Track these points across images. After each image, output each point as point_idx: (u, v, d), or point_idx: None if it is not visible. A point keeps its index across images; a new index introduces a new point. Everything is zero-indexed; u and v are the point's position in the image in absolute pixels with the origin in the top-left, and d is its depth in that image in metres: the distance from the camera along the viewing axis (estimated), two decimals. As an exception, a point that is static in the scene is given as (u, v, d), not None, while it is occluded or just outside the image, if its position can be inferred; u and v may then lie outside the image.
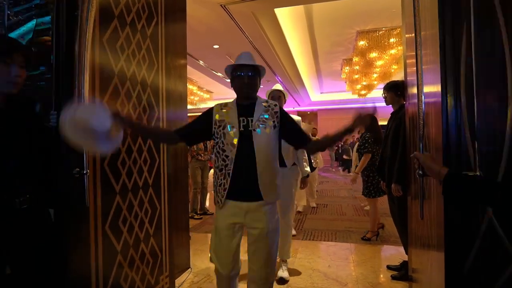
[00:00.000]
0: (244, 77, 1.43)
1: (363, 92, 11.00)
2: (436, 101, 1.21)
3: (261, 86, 1.59)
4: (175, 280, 2.25)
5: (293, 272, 2.54)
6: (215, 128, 1.46)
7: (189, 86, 9.66)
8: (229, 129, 1.41)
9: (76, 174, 1.34)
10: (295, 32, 6.45)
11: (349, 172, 11.09)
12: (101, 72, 1.54)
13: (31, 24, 1.67)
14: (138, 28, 1.86)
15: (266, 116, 1.44)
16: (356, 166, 3.63)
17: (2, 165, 1.13)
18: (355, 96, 12.07)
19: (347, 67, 9.01)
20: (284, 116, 1.50)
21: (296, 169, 2.61)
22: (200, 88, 11.22)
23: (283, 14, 5.49)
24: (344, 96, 13.65)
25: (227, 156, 1.39)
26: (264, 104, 1.48)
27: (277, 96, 2.49)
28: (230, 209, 1.43)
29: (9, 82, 1.15)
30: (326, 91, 13.87)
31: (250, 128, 1.41)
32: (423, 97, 1.21)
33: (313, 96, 14.10)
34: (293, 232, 3.65)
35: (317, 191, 6.38)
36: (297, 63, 8.48)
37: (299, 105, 15.68)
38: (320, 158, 5.86)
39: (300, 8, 5.50)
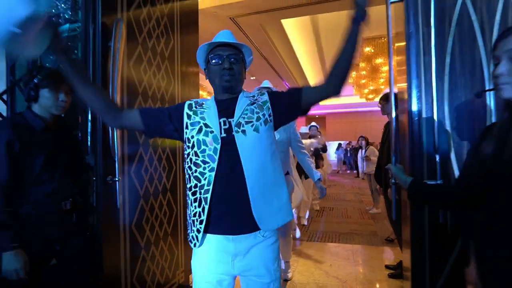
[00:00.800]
0: (223, 61, 1.04)
1: (370, 96, 11.11)
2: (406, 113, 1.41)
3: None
4: (190, 275, 2.48)
5: (297, 270, 2.74)
6: (186, 133, 1.06)
7: (200, 92, 10.00)
8: (205, 135, 1.02)
9: (109, 180, 1.60)
10: (301, 39, 6.67)
11: (358, 176, 11.17)
12: (128, 92, 1.80)
13: (64, 27, 1.99)
14: (158, 51, 2.11)
15: (252, 110, 1.05)
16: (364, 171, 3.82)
17: (52, 174, 1.39)
18: (363, 100, 12.17)
19: (354, 72, 9.16)
20: (274, 98, 1.09)
21: (289, 179, 2.43)
22: (210, 93, 11.57)
23: (290, 24, 5.72)
24: (352, 100, 13.76)
25: (202, 174, 1.00)
26: (249, 97, 1.10)
27: None
28: (212, 251, 1.03)
29: (57, 106, 1.40)
30: (334, 95, 13.99)
31: (232, 132, 1.01)
32: (394, 113, 1.41)
33: (321, 100, 14.24)
34: (298, 234, 3.84)
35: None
36: (304, 68, 8.69)
37: (307, 108, 15.84)
38: (328, 162, 6.00)
39: (306, 17, 5.71)
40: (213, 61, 1.07)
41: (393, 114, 1.40)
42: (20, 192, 1.29)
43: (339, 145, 14.00)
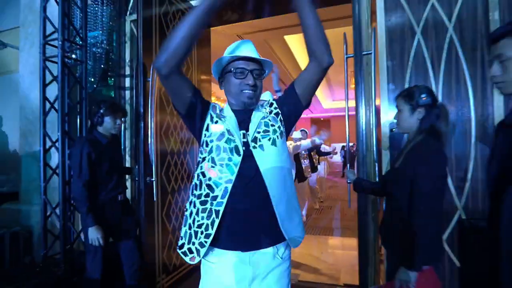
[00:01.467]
0: (247, 76, 0.99)
1: (372, 100, 11.55)
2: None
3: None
4: (204, 259, 3.04)
5: (292, 257, 3.26)
6: (205, 135, 1.02)
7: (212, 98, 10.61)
8: (228, 142, 0.98)
9: (148, 181, 2.16)
10: (303, 51, 7.19)
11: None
12: (160, 109, 2.37)
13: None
14: (181, 79, 2.68)
15: (267, 124, 1.03)
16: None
17: (112, 176, 1.96)
18: (366, 104, 12.59)
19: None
20: (280, 105, 1.09)
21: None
22: (218, 98, 12.19)
23: (292, 39, 6.25)
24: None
25: (216, 184, 0.96)
26: (262, 110, 1.07)
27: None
28: (228, 274, 0.97)
29: (115, 128, 1.98)
30: (338, 99, 14.46)
31: (250, 147, 0.99)
32: (347, 126, 1.93)
33: (325, 104, 14.71)
34: None
35: (322, 201, 6.60)
36: (308, 76, 9.21)
37: (311, 112, 16.31)
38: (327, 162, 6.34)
39: (307, 32, 6.23)
40: (236, 74, 1.00)
41: (347, 132, 1.93)
42: (95, 187, 1.86)
43: (343, 147, 14.48)
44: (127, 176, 2.49)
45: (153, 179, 2.16)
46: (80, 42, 2.51)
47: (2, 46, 3.51)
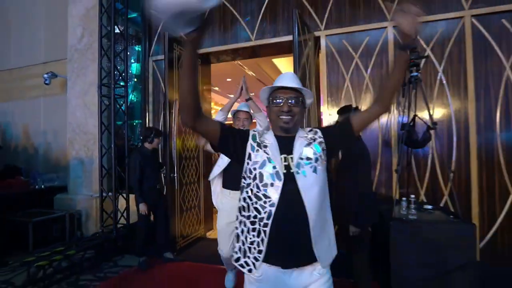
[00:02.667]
0: (283, 104, 1.11)
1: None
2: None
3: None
4: (207, 233, 4.23)
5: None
6: (248, 163, 1.12)
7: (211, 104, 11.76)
8: (269, 169, 1.07)
9: (172, 176, 3.37)
10: (290, 69, 8.41)
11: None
12: (179, 135, 3.57)
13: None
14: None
15: (310, 151, 1.11)
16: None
17: (153, 174, 3.15)
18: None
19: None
20: (327, 135, 1.17)
21: None
22: (216, 103, 13.42)
23: (279, 61, 7.47)
24: (343, 109, 15.39)
25: (262, 207, 1.05)
26: (304, 136, 1.16)
27: (243, 118, 2.20)
28: (270, 283, 1.08)
29: (158, 145, 3.17)
30: (327, 104, 15.67)
31: (291, 170, 1.07)
32: None
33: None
34: None
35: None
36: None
37: (304, 115, 17.51)
38: None
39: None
40: (274, 102, 1.13)
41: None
42: (143, 182, 3.07)
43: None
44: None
45: (175, 175, 3.36)
46: (122, 83, 3.71)
47: (53, 76, 4.69)
